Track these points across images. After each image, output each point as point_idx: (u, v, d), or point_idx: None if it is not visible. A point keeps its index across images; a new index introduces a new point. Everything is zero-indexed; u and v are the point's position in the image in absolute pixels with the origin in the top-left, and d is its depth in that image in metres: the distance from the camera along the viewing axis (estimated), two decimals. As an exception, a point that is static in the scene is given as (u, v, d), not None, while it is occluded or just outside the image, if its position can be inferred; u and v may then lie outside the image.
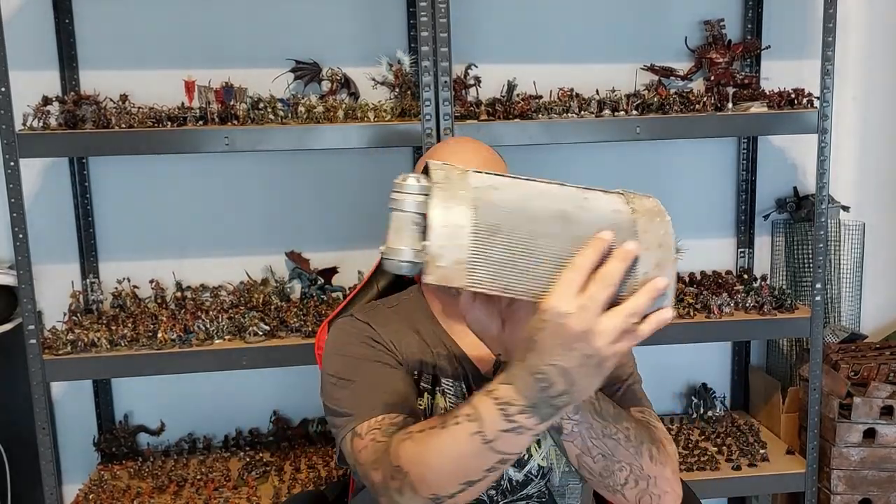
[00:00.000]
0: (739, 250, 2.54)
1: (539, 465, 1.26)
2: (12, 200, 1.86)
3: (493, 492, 1.26)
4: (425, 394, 1.27)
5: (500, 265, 0.86)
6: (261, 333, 2.01)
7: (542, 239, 0.86)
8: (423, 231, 0.86)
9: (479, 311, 1.01)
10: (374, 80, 2.19)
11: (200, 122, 1.96)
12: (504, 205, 0.88)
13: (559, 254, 0.86)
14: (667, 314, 0.89)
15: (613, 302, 0.85)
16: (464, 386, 1.28)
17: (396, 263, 0.87)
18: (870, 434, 2.19)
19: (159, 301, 2.22)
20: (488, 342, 1.05)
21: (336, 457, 1.23)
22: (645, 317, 0.87)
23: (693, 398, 2.50)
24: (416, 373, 1.28)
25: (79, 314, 2.14)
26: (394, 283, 1.56)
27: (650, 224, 0.89)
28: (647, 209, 0.91)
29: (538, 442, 1.26)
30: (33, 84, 2.09)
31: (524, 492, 1.26)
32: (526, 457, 1.26)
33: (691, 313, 2.13)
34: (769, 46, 2.39)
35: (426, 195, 0.87)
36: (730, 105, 2.14)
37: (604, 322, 0.84)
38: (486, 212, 0.87)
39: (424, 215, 0.86)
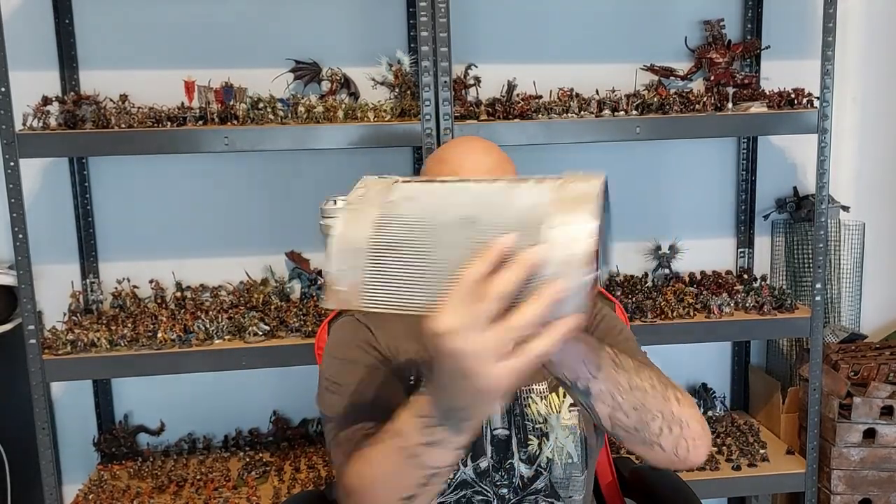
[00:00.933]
0: (739, 250, 2.54)
1: (547, 457, 1.27)
2: (12, 200, 1.86)
3: (505, 490, 1.27)
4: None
5: (395, 283, 0.80)
6: (261, 333, 2.01)
7: (442, 249, 0.79)
8: None
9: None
10: (373, 80, 2.19)
11: (200, 122, 1.96)
12: (411, 216, 0.82)
13: (459, 264, 0.77)
14: (567, 324, 0.75)
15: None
16: None
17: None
18: (870, 434, 2.19)
19: (159, 301, 2.22)
20: None
21: (330, 458, 1.25)
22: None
23: (693, 398, 2.50)
24: (411, 378, 1.28)
25: (79, 314, 2.14)
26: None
27: (569, 216, 0.76)
28: (573, 197, 0.78)
29: (546, 436, 1.27)
30: (33, 84, 2.08)
31: (533, 486, 1.27)
32: (536, 452, 1.27)
33: (691, 313, 2.13)
34: (769, 46, 2.39)
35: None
36: (730, 105, 2.14)
37: (479, 341, 0.75)
38: (388, 228, 0.82)
39: None
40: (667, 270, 2.43)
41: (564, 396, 1.29)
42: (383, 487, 0.98)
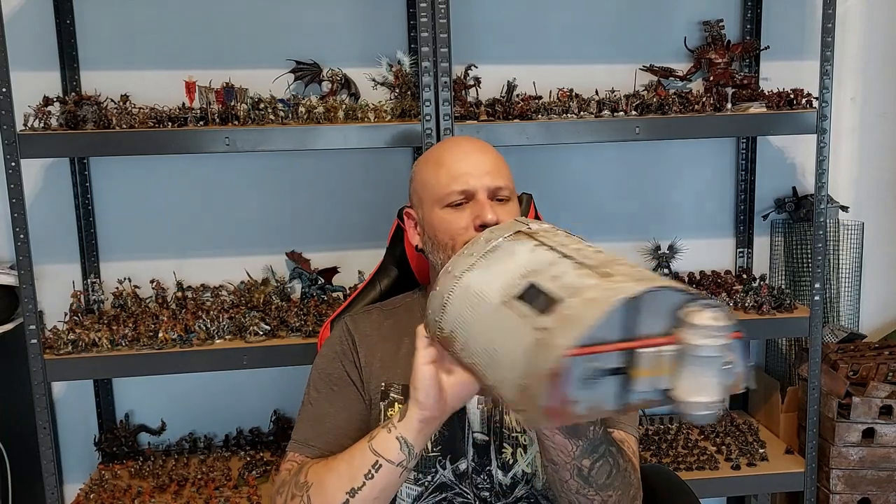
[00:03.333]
0: (738, 250, 2.54)
1: (524, 470, 1.29)
2: (13, 200, 1.86)
3: (487, 494, 1.28)
4: (396, 404, 1.31)
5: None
6: (261, 333, 2.01)
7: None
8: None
9: None
10: (374, 80, 2.20)
11: (201, 123, 1.96)
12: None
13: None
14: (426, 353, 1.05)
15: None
16: None
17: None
18: (869, 434, 2.20)
19: (160, 301, 2.23)
20: None
21: None
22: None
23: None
24: (383, 384, 1.33)
25: (80, 314, 2.14)
26: (396, 284, 1.57)
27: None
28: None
29: (524, 448, 1.29)
30: (34, 84, 2.09)
31: (514, 495, 1.29)
32: (511, 461, 1.29)
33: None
34: (768, 47, 2.40)
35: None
36: (729, 105, 2.15)
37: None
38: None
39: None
40: (666, 270, 2.43)
41: None
42: (337, 476, 1.11)
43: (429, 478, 1.29)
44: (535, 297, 0.85)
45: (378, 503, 1.10)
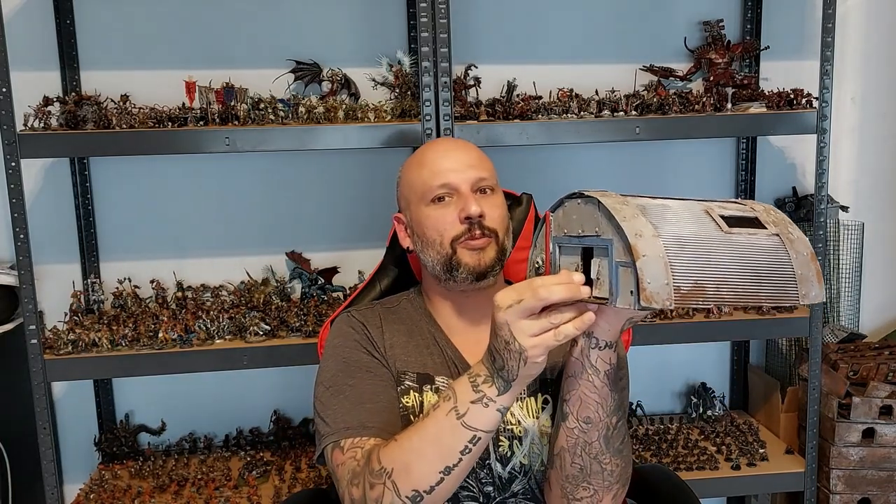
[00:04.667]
0: (739, 250, 2.54)
1: (521, 462, 1.29)
2: (13, 200, 1.86)
3: (491, 488, 1.28)
4: (411, 392, 1.31)
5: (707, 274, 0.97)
6: (261, 333, 2.01)
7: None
8: None
9: None
10: (374, 80, 2.20)
11: (201, 123, 1.97)
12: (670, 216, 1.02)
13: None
14: (587, 317, 0.98)
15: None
16: None
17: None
18: (869, 434, 2.20)
19: (160, 301, 2.23)
20: None
21: (316, 456, 1.29)
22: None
23: (692, 397, 2.51)
24: (400, 373, 1.33)
25: (80, 314, 2.14)
26: (396, 283, 1.58)
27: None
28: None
29: (520, 440, 1.30)
30: (34, 84, 2.09)
31: (511, 488, 1.29)
32: (509, 454, 1.29)
33: (690, 313, 2.14)
34: (768, 47, 2.40)
35: None
36: (729, 105, 2.15)
37: (519, 320, 0.99)
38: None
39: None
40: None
41: (545, 404, 1.31)
42: (427, 458, 1.07)
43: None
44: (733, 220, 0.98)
45: (468, 471, 1.10)
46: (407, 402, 1.31)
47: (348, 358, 1.33)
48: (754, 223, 0.99)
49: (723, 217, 0.98)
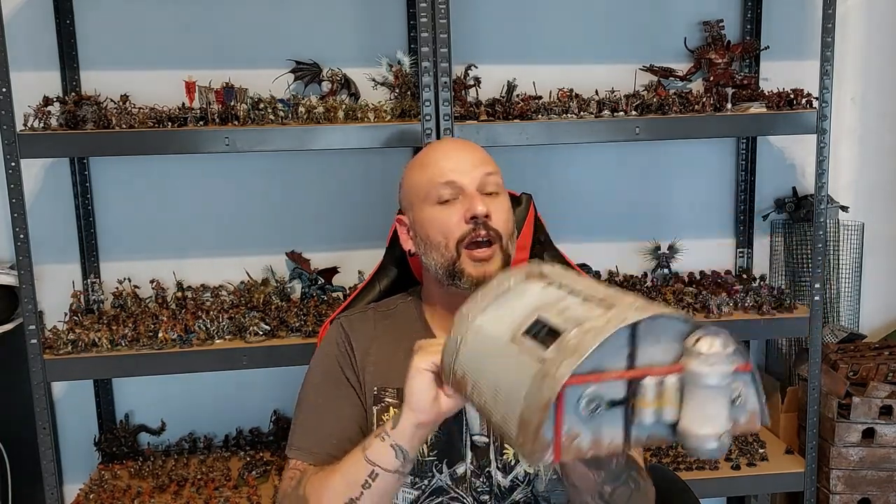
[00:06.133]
0: (738, 250, 2.54)
1: (525, 471, 1.28)
2: (13, 200, 1.86)
3: (487, 497, 1.27)
4: (391, 409, 1.30)
5: None
6: (261, 333, 2.01)
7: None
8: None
9: None
10: (374, 80, 2.20)
11: (201, 123, 1.96)
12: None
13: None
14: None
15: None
16: None
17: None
18: (869, 434, 2.20)
19: (160, 301, 2.23)
20: None
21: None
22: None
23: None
24: (375, 388, 1.32)
25: (79, 314, 2.14)
26: (396, 284, 1.57)
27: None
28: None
29: None
30: (34, 84, 2.09)
31: (512, 497, 1.28)
32: (512, 462, 1.28)
33: (690, 313, 2.14)
34: (768, 47, 2.40)
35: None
36: (729, 105, 2.15)
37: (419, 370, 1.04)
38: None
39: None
40: (666, 270, 2.44)
41: None
42: (333, 493, 1.11)
43: (425, 482, 1.28)
44: (541, 331, 0.84)
45: None
46: (386, 419, 1.28)
47: (322, 371, 1.36)
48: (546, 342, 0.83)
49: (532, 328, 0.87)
